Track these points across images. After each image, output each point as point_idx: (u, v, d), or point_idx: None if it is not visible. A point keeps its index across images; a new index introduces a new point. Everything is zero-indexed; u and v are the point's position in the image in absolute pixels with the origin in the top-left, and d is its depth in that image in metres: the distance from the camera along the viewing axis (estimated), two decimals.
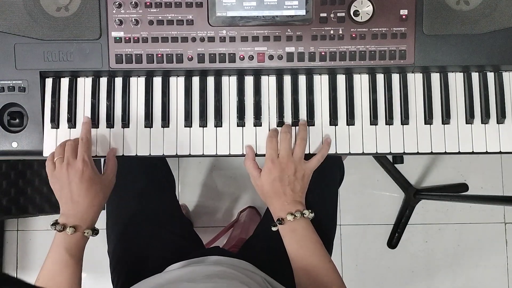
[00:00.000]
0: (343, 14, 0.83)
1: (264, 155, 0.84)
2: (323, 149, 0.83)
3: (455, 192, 1.63)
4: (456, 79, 0.86)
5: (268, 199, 0.82)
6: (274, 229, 0.82)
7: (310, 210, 0.80)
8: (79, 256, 0.77)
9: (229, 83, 0.86)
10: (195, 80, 0.87)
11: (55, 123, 0.84)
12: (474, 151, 0.85)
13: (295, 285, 0.79)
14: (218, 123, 0.85)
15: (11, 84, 0.83)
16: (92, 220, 0.78)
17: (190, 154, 0.85)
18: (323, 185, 0.97)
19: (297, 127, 0.85)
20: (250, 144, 0.85)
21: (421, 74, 0.86)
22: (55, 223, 0.76)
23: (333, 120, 0.85)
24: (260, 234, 1.01)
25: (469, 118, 0.85)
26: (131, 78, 0.86)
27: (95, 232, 0.79)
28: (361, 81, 0.86)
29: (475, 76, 0.86)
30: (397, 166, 1.59)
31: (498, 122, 0.85)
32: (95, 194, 0.78)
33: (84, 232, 0.77)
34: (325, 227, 0.93)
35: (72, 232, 0.75)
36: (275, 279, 0.85)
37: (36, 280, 0.76)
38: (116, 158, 0.84)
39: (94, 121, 0.85)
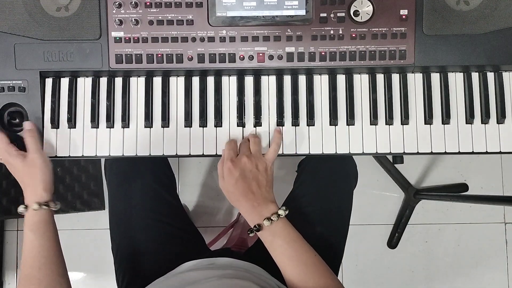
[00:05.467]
0: (343, 14, 0.83)
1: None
2: (275, 138, 0.83)
3: (455, 192, 1.63)
4: (456, 79, 0.86)
5: (236, 202, 0.80)
6: (251, 235, 0.79)
7: (283, 207, 0.79)
8: (42, 230, 0.78)
9: (229, 83, 0.86)
10: (195, 80, 0.87)
11: (55, 123, 0.84)
12: (474, 151, 0.85)
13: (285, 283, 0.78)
14: (218, 123, 0.85)
15: (11, 84, 0.83)
16: (36, 195, 0.79)
17: (190, 154, 0.85)
18: (339, 187, 0.97)
19: (296, 128, 0.85)
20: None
21: (421, 74, 0.86)
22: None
23: (333, 120, 0.85)
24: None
25: (469, 118, 0.85)
26: (131, 78, 0.86)
27: (44, 205, 0.79)
28: (361, 81, 0.86)
29: (475, 76, 0.86)
30: (397, 166, 1.59)
31: (498, 122, 0.85)
32: (25, 172, 0.80)
33: (32, 207, 0.78)
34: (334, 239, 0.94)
35: (23, 210, 0.79)
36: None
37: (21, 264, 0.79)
38: (35, 132, 0.83)
39: (94, 121, 0.85)
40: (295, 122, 0.85)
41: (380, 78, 0.86)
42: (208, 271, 0.82)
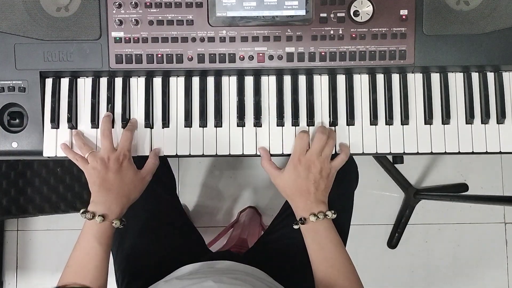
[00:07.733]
0: (343, 14, 0.83)
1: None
2: (346, 148, 0.83)
3: (455, 192, 1.63)
4: (456, 79, 0.86)
5: (291, 196, 0.81)
6: (295, 227, 0.81)
7: (332, 211, 0.80)
8: (107, 244, 0.78)
9: (229, 83, 0.86)
10: (195, 80, 0.87)
11: (55, 123, 0.84)
12: (474, 151, 0.85)
13: (314, 285, 0.78)
14: (218, 123, 0.85)
15: (11, 84, 0.83)
16: (121, 210, 0.79)
17: (190, 154, 0.85)
18: (340, 187, 0.97)
19: (296, 128, 0.85)
20: (258, 145, 0.85)
21: (421, 74, 0.86)
22: (85, 211, 0.77)
23: (333, 120, 0.85)
24: (269, 242, 1.00)
25: (469, 118, 0.85)
26: (131, 78, 0.86)
27: (122, 223, 0.79)
28: (361, 81, 0.86)
29: (475, 76, 0.86)
30: (397, 166, 1.59)
31: (498, 122, 0.85)
32: (128, 185, 0.79)
33: (113, 222, 0.77)
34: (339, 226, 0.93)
35: (100, 221, 0.76)
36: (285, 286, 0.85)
37: (65, 267, 0.77)
38: (158, 160, 0.84)
39: (94, 121, 0.85)
40: (295, 122, 0.85)
41: (380, 78, 0.86)
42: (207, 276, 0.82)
